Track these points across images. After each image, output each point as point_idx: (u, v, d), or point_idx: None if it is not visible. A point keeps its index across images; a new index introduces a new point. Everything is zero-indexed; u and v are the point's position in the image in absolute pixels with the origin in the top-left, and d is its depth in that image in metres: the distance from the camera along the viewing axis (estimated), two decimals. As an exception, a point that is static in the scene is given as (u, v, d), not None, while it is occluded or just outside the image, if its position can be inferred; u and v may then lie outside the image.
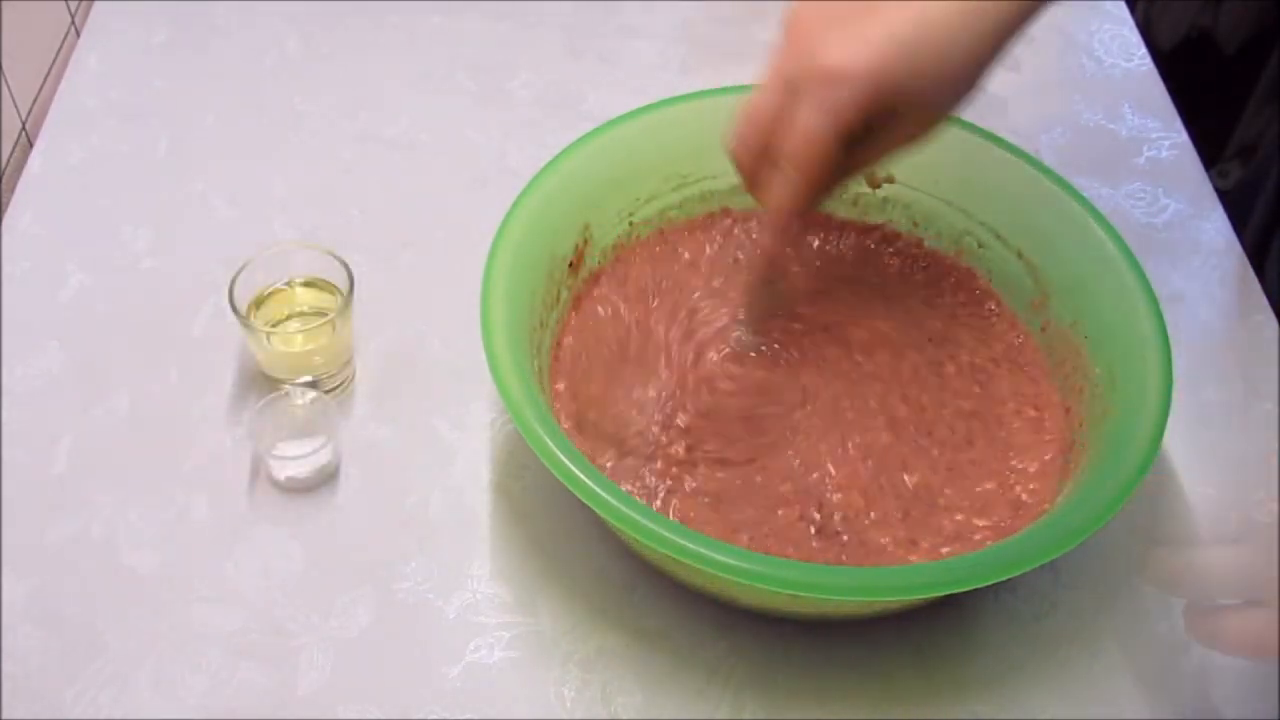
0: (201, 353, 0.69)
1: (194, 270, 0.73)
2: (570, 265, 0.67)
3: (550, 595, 0.61)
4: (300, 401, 0.64)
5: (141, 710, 0.56)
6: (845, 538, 0.59)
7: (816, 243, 0.72)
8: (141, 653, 0.58)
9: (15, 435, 0.65)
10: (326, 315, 0.65)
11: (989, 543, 0.59)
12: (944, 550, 0.59)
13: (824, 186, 0.58)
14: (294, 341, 0.65)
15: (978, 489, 0.61)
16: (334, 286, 0.67)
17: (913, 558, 0.59)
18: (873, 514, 0.60)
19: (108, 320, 0.71)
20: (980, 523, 0.60)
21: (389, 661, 0.58)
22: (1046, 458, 0.63)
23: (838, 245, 0.72)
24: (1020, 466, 0.62)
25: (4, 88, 0.79)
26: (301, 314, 0.68)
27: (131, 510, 0.63)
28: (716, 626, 0.60)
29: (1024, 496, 0.61)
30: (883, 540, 0.59)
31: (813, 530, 0.59)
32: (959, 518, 0.60)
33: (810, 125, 0.54)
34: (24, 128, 0.82)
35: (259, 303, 0.67)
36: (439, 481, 0.65)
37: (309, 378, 0.66)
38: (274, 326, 0.67)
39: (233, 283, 0.64)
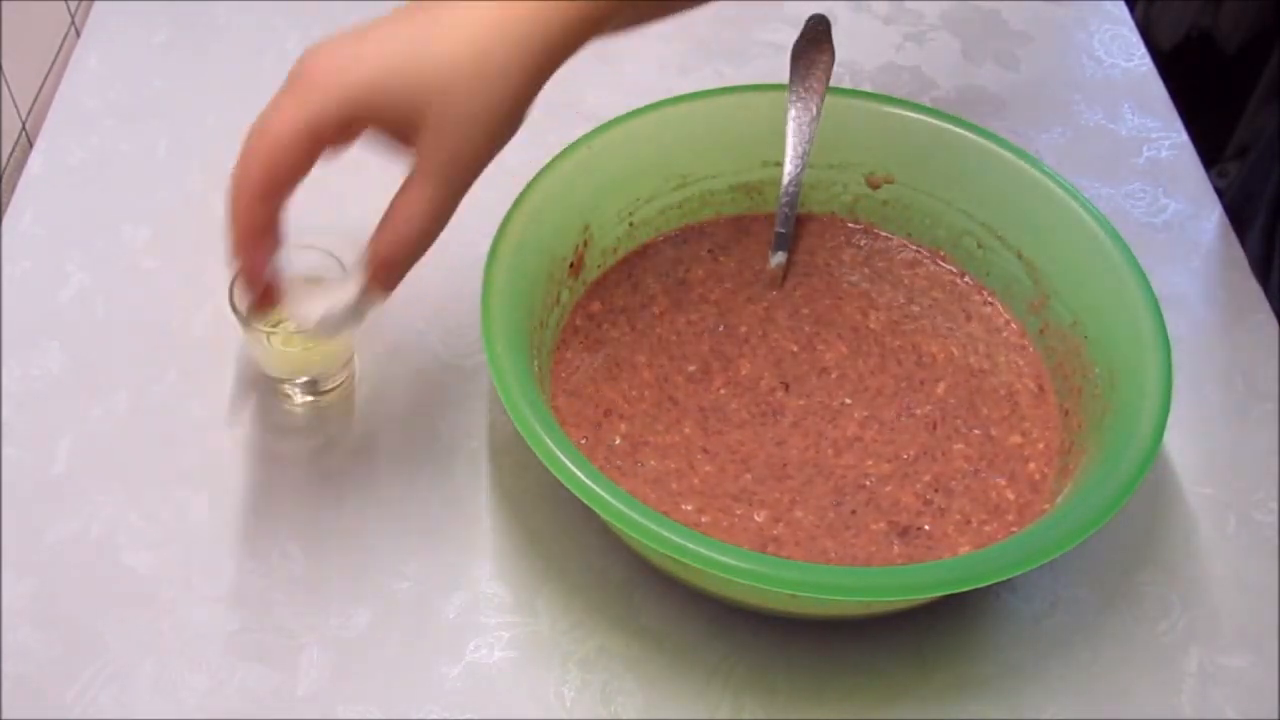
0: (201, 353, 0.69)
1: (194, 270, 0.73)
2: (571, 266, 0.67)
3: (550, 595, 0.61)
4: (300, 401, 0.64)
5: (141, 710, 0.56)
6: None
7: (819, 243, 0.72)
8: (141, 653, 0.58)
9: (15, 435, 0.65)
10: (326, 315, 0.65)
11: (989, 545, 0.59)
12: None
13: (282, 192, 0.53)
14: (294, 341, 0.65)
15: (973, 489, 0.61)
16: (334, 286, 0.67)
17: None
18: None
19: (108, 320, 0.71)
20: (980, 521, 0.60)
21: (389, 661, 0.58)
22: (1044, 459, 0.63)
23: (838, 246, 0.72)
24: (1017, 466, 0.62)
25: (4, 88, 0.79)
26: (302, 314, 0.67)
27: (131, 510, 0.63)
28: (716, 626, 0.60)
29: (1023, 495, 0.61)
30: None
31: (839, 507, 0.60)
32: (956, 519, 0.60)
33: (278, 118, 0.50)
34: (24, 128, 0.82)
35: (259, 303, 0.66)
36: (439, 481, 0.65)
37: (309, 378, 0.66)
38: (274, 326, 0.67)
39: (233, 283, 0.64)
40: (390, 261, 0.53)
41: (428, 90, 0.50)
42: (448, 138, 0.51)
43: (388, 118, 0.51)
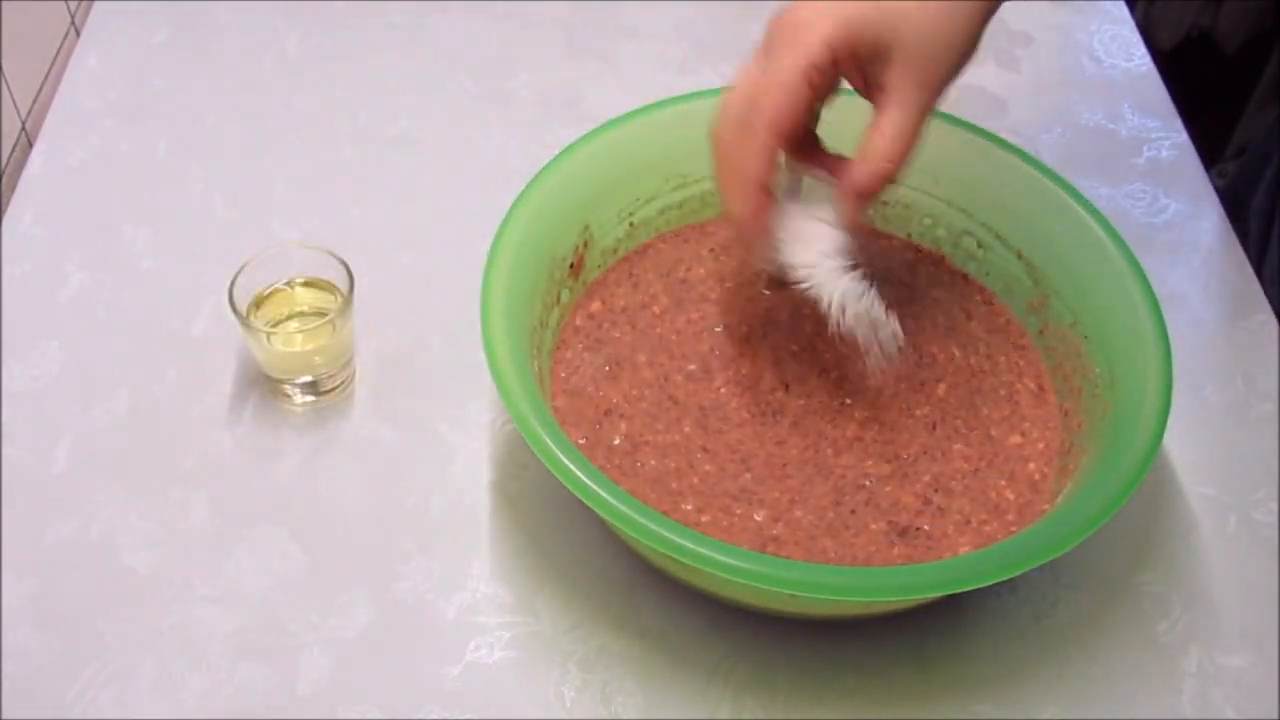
0: (201, 353, 0.69)
1: (194, 270, 0.73)
2: (571, 266, 0.67)
3: (550, 595, 0.61)
4: (300, 401, 0.64)
5: (141, 710, 0.56)
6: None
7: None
8: (141, 653, 0.58)
9: (15, 435, 0.65)
10: (326, 315, 0.65)
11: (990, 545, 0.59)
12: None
13: (800, 149, 0.59)
14: (294, 341, 0.65)
15: (973, 489, 0.61)
16: (334, 286, 0.67)
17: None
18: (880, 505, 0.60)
19: (108, 320, 0.71)
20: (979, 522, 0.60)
21: (389, 661, 0.58)
22: (1044, 459, 0.63)
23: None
24: (1017, 466, 0.62)
25: (4, 88, 0.79)
26: (301, 314, 0.68)
27: (131, 510, 0.63)
28: (716, 626, 0.60)
29: (1023, 495, 0.61)
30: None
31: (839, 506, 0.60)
32: (956, 519, 0.60)
33: (775, 67, 0.55)
34: (24, 128, 0.82)
35: (259, 303, 0.67)
36: (439, 481, 0.65)
37: (309, 378, 0.66)
38: (274, 326, 0.67)
39: (233, 283, 0.64)
40: (870, 188, 0.57)
41: (894, 28, 0.55)
42: (916, 65, 0.56)
43: (864, 55, 0.56)
